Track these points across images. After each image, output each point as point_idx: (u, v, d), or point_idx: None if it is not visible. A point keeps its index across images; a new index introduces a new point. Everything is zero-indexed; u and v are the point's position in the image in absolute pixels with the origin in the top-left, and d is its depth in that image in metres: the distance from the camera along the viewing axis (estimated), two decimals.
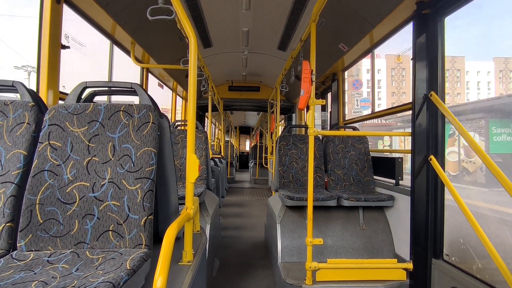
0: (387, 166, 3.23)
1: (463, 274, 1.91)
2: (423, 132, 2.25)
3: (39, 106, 1.49)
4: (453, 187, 1.97)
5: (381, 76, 51.39)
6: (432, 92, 2.18)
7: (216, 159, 5.77)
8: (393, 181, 3.04)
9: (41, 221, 1.26)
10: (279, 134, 4.21)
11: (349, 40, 3.37)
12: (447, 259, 2.14)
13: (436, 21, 2.20)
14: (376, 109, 4.55)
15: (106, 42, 3.28)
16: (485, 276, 1.84)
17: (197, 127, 3.50)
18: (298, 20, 3.62)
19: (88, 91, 1.62)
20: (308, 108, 2.32)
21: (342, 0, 2.78)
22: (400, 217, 2.82)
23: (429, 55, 2.23)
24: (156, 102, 1.61)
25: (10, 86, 1.53)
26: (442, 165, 2.15)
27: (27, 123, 1.43)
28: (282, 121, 9.29)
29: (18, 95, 1.54)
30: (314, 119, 2.32)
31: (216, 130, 11.65)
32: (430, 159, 2.18)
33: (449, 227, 2.21)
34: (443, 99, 2.16)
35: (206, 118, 8.13)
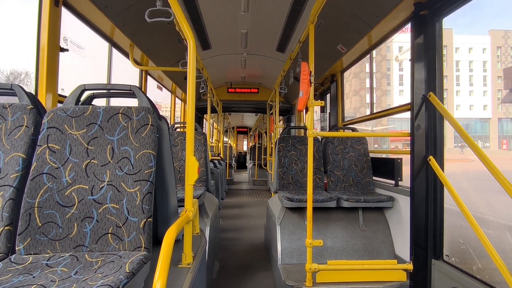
0: (387, 167, 3.24)
1: (463, 275, 1.90)
2: (422, 133, 2.25)
3: (38, 109, 1.49)
4: (452, 188, 1.97)
5: (485, 56, 43.86)
6: (431, 93, 2.18)
7: (215, 161, 5.76)
8: (393, 182, 3.04)
9: (40, 225, 1.26)
10: (278, 136, 4.21)
11: (348, 41, 3.37)
12: (447, 260, 2.13)
13: (434, 22, 2.21)
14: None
15: (105, 44, 3.28)
16: (485, 276, 1.84)
17: (196, 129, 3.50)
18: (296, 21, 3.63)
19: (87, 93, 1.62)
20: (307, 109, 2.32)
21: (340, 1, 2.79)
22: (399, 218, 2.82)
23: (427, 56, 2.23)
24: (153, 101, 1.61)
25: (9, 89, 1.53)
26: (441, 166, 2.16)
27: (26, 126, 1.42)
28: (281, 122, 9.30)
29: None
30: (313, 120, 2.32)
31: (215, 131, 11.65)
32: (429, 160, 2.18)
33: (449, 227, 2.21)
34: (442, 100, 2.17)
35: (205, 120, 8.13)
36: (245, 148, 23.00)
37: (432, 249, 2.18)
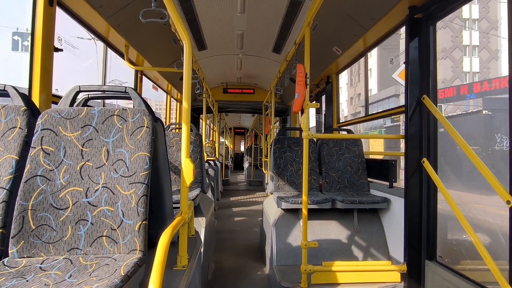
0: (381, 168, 3.26)
1: (457, 276, 1.93)
2: (416, 135, 2.27)
3: (32, 110, 1.47)
4: (445, 190, 1.99)
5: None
6: (425, 96, 2.20)
7: (211, 162, 5.75)
8: (387, 183, 3.06)
9: (33, 227, 1.25)
10: (274, 137, 4.22)
11: (343, 43, 3.40)
12: (440, 261, 2.16)
13: (428, 25, 2.24)
14: None
15: (100, 44, 3.26)
16: (478, 277, 1.87)
17: (191, 130, 3.49)
18: (292, 23, 3.65)
19: (81, 96, 1.60)
20: (302, 111, 2.33)
21: (336, 4, 2.81)
22: (394, 219, 2.84)
23: (421, 58, 2.26)
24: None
25: (2, 90, 1.51)
26: (435, 168, 2.18)
27: (19, 127, 1.41)
28: (277, 123, 9.31)
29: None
30: (308, 122, 2.33)
31: (211, 132, 11.64)
32: (423, 162, 2.20)
33: (442, 229, 2.24)
34: (436, 103, 2.20)
35: (200, 121, 8.11)
36: (242, 149, 23.02)
37: (425, 250, 2.20)
